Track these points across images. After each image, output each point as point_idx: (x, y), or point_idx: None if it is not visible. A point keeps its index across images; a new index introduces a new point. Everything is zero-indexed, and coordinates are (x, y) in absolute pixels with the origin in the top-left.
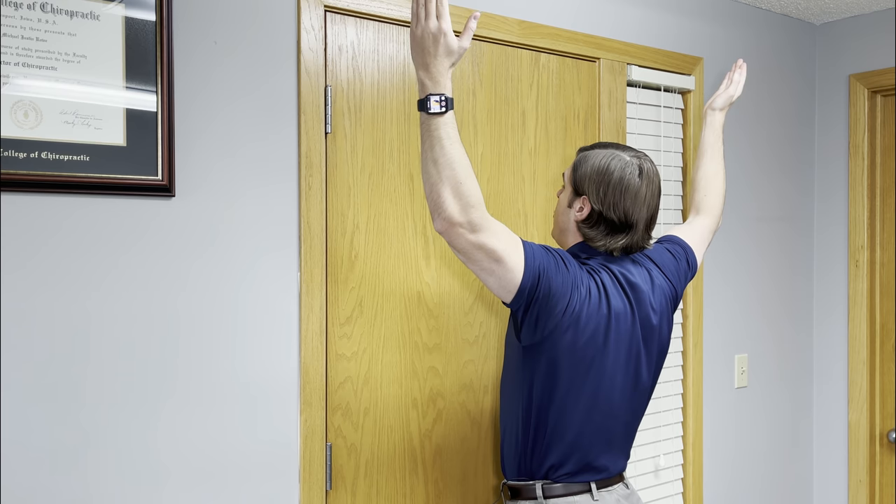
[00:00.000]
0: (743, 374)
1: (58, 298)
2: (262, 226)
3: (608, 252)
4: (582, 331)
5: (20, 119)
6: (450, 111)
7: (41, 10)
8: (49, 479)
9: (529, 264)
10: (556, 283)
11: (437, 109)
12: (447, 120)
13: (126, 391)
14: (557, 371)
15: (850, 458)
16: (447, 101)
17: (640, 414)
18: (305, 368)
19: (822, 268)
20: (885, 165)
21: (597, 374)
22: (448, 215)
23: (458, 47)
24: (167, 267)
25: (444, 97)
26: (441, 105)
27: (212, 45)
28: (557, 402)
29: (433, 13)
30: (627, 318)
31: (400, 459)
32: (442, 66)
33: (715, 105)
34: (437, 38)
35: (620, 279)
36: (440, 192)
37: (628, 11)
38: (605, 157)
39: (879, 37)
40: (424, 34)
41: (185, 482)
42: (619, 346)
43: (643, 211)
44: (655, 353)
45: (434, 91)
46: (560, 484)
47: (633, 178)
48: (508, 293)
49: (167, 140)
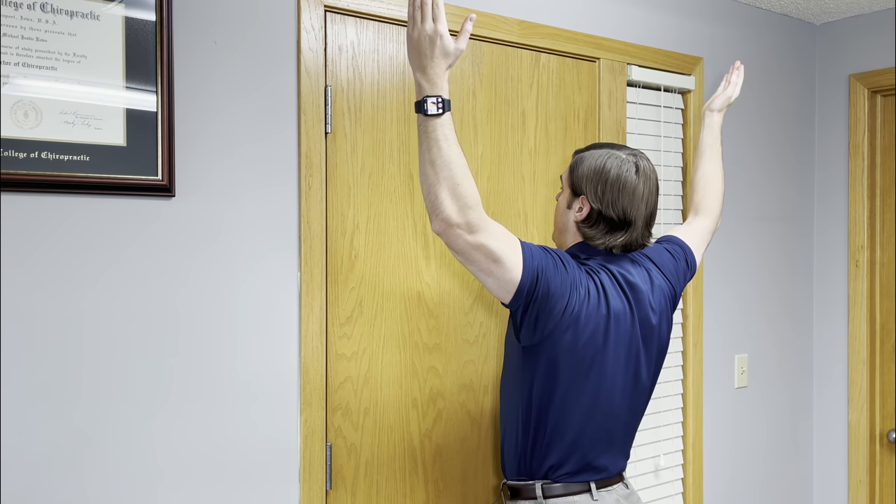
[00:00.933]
0: (743, 375)
1: (57, 298)
2: (262, 226)
3: (608, 250)
4: (581, 331)
5: (20, 119)
6: (447, 113)
7: (41, 10)
8: (46, 479)
9: (528, 264)
10: (555, 284)
11: (434, 111)
12: (444, 121)
13: (126, 391)
14: (557, 371)
15: (850, 458)
16: (444, 103)
17: (640, 414)
18: (305, 368)
19: (822, 268)
20: (885, 165)
21: (597, 375)
22: (446, 216)
23: (455, 49)
24: (167, 267)
25: (441, 99)
26: (438, 107)
27: (212, 45)
28: (557, 403)
29: (429, 16)
30: (627, 318)
31: (400, 459)
32: (439, 68)
33: (713, 106)
34: (433, 40)
35: (619, 279)
36: (437, 193)
37: (628, 11)
38: (602, 157)
39: (879, 37)
40: (421, 36)
41: (185, 482)
42: (619, 346)
43: (641, 208)
44: (655, 352)
45: (431, 93)
46: (560, 484)
47: (630, 176)
48: (507, 294)
49: (167, 140)
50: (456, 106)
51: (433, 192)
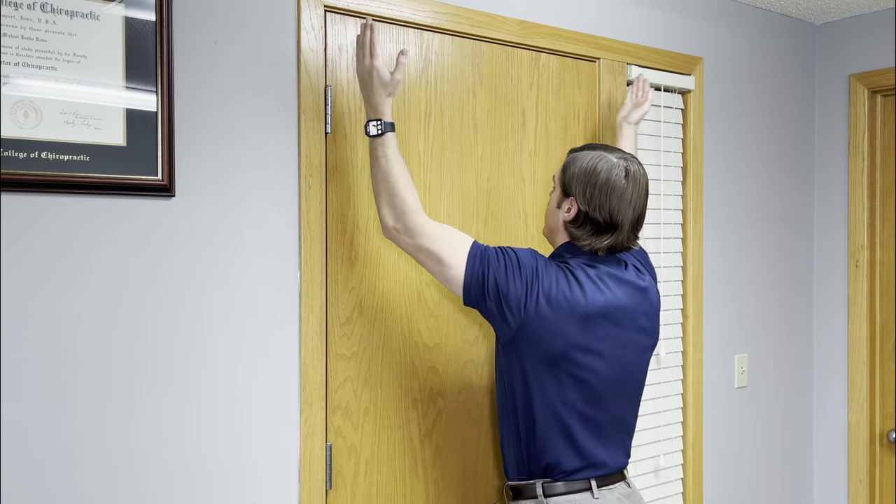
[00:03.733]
0: (743, 374)
1: (57, 298)
2: (262, 226)
3: (593, 251)
4: (552, 325)
5: (20, 119)
6: (388, 133)
7: (41, 10)
8: (46, 479)
9: (470, 266)
10: (506, 283)
11: (374, 132)
12: (384, 141)
13: (123, 391)
14: (538, 366)
15: (850, 458)
16: (384, 125)
17: (632, 407)
18: (305, 368)
19: (822, 268)
20: (885, 165)
21: (578, 368)
22: (385, 223)
23: (391, 80)
24: (167, 266)
25: (382, 122)
26: (378, 129)
27: (212, 45)
28: (543, 398)
29: (367, 53)
30: (609, 310)
31: (400, 459)
32: (379, 96)
33: (631, 119)
34: (370, 73)
35: (603, 275)
36: (379, 202)
37: (628, 11)
38: (593, 159)
39: (879, 37)
40: (362, 70)
41: (185, 482)
42: (602, 339)
43: (629, 212)
44: (644, 344)
45: (373, 117)
46: (561, 482)
47: (620, 180)
48: (458, 292)
49: (167, 140)
50: (456, 106)
51: (377, 201)
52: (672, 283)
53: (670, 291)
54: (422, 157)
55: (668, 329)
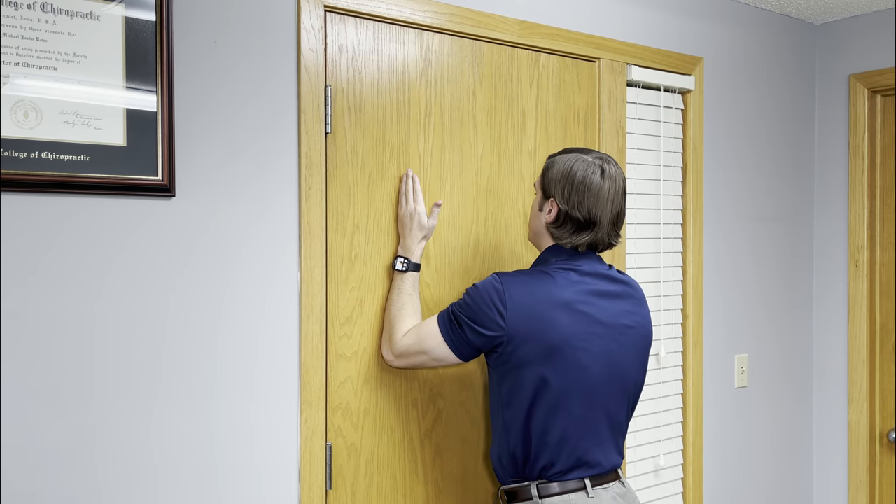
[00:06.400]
0: (743, 374)
1: (57, 298)
2: (262, 225)
3: (574, 248)
4: (538, 314)
5: (20, 119)
6: (410, 272)
7: (41, 10)
8: (51, 479)
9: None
10: (483, 319)
11: (400, 268)
12: (405, 277)
13: (124, 391)
14: (526, 371)
15: (850, 458)
16: (410, 264)
17: (625, 404)
18: (305, 368)
19: (822, 268)
20: (885, 166)
21: (566, 368)
22: (384, 356)
23: (428, 225)
24: (167, 266)
25: (409, 261)
26: (404, 265)
27: (212, 45)
28: (535, 401)
29: (410, 199)
30: (593, 309)
31: (400, 459)
32: (414, 237)
33: None
34: (412, 216)
35: (583, 273)
36: (383, 334)
37: (628, 11)
38: (570, 161)
39: (879, 37)
40: (405, 212)
41: (185, 482)
42: (589, 338)
43: (607, 208)
44: (636, 341)
45: (402, 255)
46: (555, 483)
47: (595, 178)
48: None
49: (167, 140)
50: (456, 106)
51: (383, 332)
52: (672, 283)
53: (670, 291)
54: (422, 157)
55: (668, 329)
